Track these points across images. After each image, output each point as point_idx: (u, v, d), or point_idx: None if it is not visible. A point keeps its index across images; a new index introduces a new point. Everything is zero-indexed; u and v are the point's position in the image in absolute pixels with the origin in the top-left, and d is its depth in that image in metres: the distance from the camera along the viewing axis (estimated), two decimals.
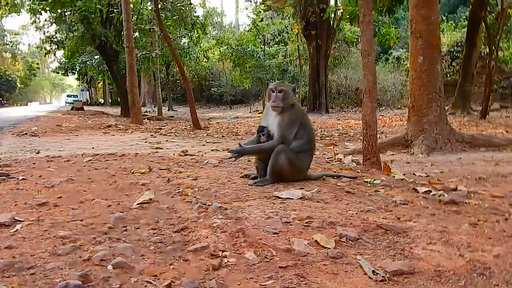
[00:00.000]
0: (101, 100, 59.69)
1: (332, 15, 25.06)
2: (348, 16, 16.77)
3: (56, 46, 25.54)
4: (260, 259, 2.01)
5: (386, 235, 2.38)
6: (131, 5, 17.96)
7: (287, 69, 36.20)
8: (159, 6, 16.54)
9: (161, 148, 8.00)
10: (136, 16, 21.55)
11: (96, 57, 26.78)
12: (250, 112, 34.54)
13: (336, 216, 2.67)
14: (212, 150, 7.94)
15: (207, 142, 10.05)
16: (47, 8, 20.84)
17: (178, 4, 22.95)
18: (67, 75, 49.57)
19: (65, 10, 20.89)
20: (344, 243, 2.23)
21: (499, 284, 1.88)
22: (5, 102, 57.98)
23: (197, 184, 3.53)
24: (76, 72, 42.65)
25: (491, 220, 2.84)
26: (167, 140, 10.21)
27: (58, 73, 51.17)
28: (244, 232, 2.28)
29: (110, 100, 54.16)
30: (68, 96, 58.54)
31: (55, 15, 21.78)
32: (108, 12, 20.85)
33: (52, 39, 25.21)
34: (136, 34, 22.72)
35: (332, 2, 26.11)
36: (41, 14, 22.50)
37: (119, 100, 28.06)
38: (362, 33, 5.27)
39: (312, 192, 3.32)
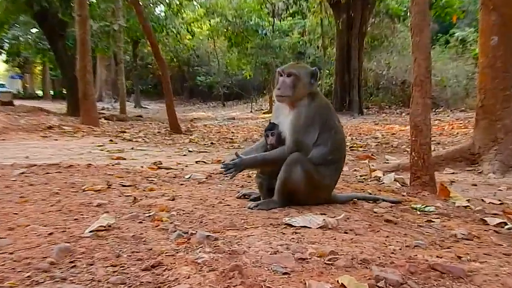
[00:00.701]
0: (39, 92, 59.99)
1: None
2: None
3: None
4: None
5: (442, 279, 2.41)
6: None
7: (304, 51, 36.45)
8: None
9: (125, 159, 8.06)
10: None
11: (33, 30, 27.07)
12: (251, 111, 34.69)
13: (371, 252, 2.70)
14: (196, 162, 7.97)
15: (189, 151, 10.09)
16: None
17: None
18: None
19: None
20: None
21: None
22: None
23: (175, 206, 3.56)
24: (3, 52, 42.90)
25: None
26: (132, 148, 10.26)
27: None
28: (241, 271, 2.30)
29: (52, 92, 54.48)
30: None
31: None
32: None
33: None
34: None
35: None
36: None
37: (65, 91, 28.23)
38: (412, 2, 5.34)
39: (338, 219, 3.35)
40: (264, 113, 31.50)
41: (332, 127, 3.88)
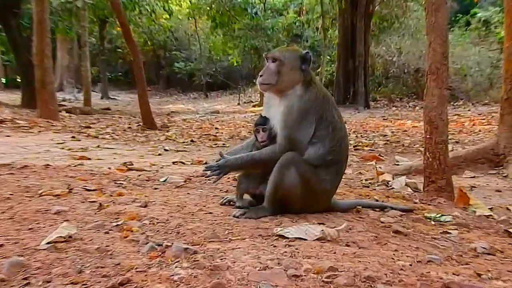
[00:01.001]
0: None
1: None
2: None
3: None
4: None
5: None
6: None
7: (301, 34, 36.48)
8: None
9: (89, 158, 8.03)
10: None
11: None
12: (238, 104, 34.66)
13: (377, 268, 2.71)
14: (173, 162, 7.96)
15: (165, 150, 10.07)
16: None
17: None
18: None
19: None
20: None
21: None
22: None
23: (148, 214, 3.56)
24: None
25: None
26: (98, 146, 10.22)
27: None
28: None
29: (4, 80, 54.10)
30: None
31: None
32: None
33: None
34: None
35: None
36: None
37: (19, 79, 28.05)
38: None
39: (339, 230, 3.36)
40: (254, 106, 31.50)
41: (331, 122, 3.89)
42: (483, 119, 18.69)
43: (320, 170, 3.84)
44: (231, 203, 4.11)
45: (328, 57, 31.88)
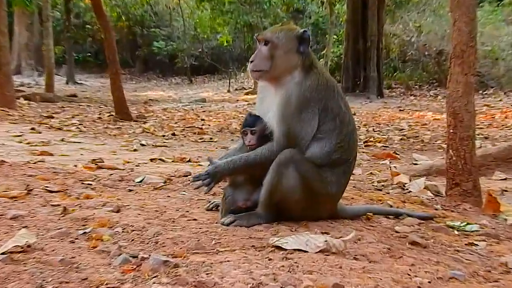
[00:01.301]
0: None
1: None
2: None
3: None
4: None
5: None
6: None
7: (304, 9, 36.46)
8: None
9: (52, 154, 8.01)
10: None
11: None
12: (228, 90, 34.62)
13: (390, 285, 2.72)
14: (151, 159, 7.95)
15: (142, 145, 10.06)
16: None
17: None
18: None
19: None
20: None
21: None
22: None
23: (121, 220, 3.55)
24: None
25: None
26: (63, 140, 10.19)
27: None
28: None
29: None
30: None
31: None
32: None
33: None
34: None
35: None
36: None
37: None
38: None
39: (346, 240, 3.37)
40: (246, 93, 31.45)
41: (337, 114, 3.89)
42: None
43: (325, 171, 3.84)
44: (219, 208, 4.11)
45: (335, 37, 31.90)
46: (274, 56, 3.87)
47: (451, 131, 5.37)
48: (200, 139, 12.14)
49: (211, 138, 12.29)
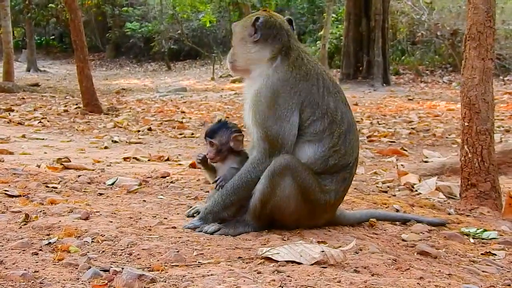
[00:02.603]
0: None
1: None
2: None
3: None
4: None
5: None
6: None
7: None
8: None
9: (11, 153, 7.99)
10: None
11: None
12: (212, 78, 34.54)
13: None
14: (125, 158, 7.93)
15: (114, 142, 10.05)
16: None
17: None
18: None
19: None
20: None
21: None
22: None
23: (90, 229, 3.55)
24: None
25: None
26: (24, 136, 10.16)
27: None
28: None
29: None
30: None
31: None
32: None
33: None
34: None
35: None
36: None
37: None
38: None
39: (345, 250, 3.38)
40: (233, 81, 31.34)
41: (325, 113, 3.91)
42: None
43: (324, 178, 3.87)
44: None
45: (334, 16, 31.90)
46: (234, 46, 3.98)
47: (466, 124, 5.39)
48: (180, 134, 12.13)
49: (192, 134, 12.28)
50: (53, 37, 48.02)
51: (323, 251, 3.28)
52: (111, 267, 2.96)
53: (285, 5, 39.35)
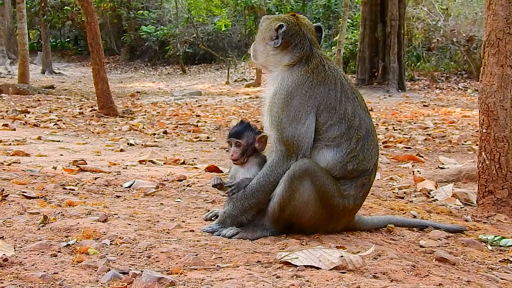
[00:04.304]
0: None
1: None
2: None
3: None
4: None
5: None
6: None
7: None
8: None
9: (28, 154, 8.02)
10: None
11: None
12: (227, 82, 34.56)
13: None
14: (141, 161, 7.94)
15: (129, 145, 10.06)
16: None
17: None
18: None
19: None
20: None
21: None
22: None
23: (108, 231, 3.56)
24: None
25: None
26: (40, 138, 10.19)
27: None
28: None
29: None
30: None
31: None
32: None
33: None
34: None
35: None
36: None
37: None
38: None
39: (364, 256, 3.38)
40: (248, 85, 31.35)
41: (342, 118, 3.92)
42: None
43: (343, 183, 3.87)
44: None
45: (350, 21, 31.83)
46: (257, 41, 4.01)
47: (484, 130, 5.36)
48: (195, 138, 12.12)
49: (207, 137, 12.27)
50: (68, 39, 48.18)
51: (342, 256, 3.28)
52: (130, 269, 2.97)
53: (301, 10, 39.40)
